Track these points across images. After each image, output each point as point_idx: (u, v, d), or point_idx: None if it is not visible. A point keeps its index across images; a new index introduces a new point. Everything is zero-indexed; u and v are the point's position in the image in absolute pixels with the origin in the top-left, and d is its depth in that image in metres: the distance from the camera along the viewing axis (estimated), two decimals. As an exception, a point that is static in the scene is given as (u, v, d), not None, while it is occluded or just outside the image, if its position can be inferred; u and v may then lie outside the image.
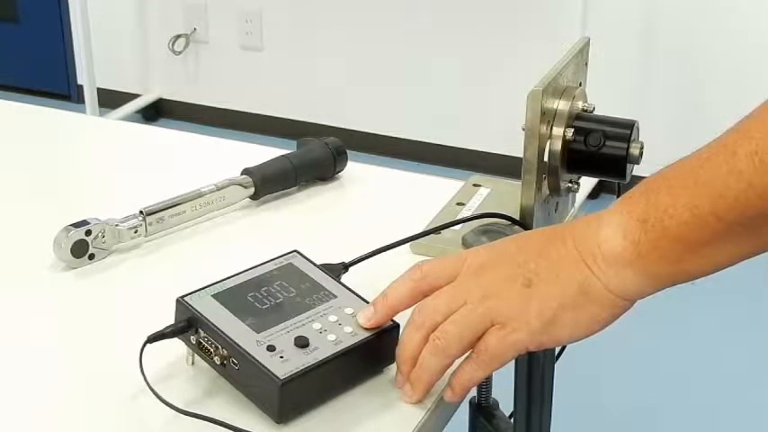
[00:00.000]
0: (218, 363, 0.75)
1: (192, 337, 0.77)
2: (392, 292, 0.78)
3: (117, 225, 0.95)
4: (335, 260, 0.86)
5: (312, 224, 1.03)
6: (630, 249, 0.71)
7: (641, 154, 0.93)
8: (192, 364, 0.78)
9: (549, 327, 0.73)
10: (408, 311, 0.77)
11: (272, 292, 0.79)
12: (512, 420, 0.93)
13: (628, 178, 0.95)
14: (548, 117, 0.91)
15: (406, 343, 0.76)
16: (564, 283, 0.73)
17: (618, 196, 1.02)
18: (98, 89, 3.22)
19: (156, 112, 3.61)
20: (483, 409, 0.96)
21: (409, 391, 0.76)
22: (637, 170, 0.95)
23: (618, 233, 0.72)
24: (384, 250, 0.88)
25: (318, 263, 0.83)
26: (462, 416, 0.84)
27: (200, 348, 0.77)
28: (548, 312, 0.73)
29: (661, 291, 0.73)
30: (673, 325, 2.36)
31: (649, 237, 0.70)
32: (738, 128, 0.69)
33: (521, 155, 0.90)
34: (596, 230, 0.73)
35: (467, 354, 0.75)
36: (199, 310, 0.76)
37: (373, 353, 0.77)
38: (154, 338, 0.76)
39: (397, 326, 0.78)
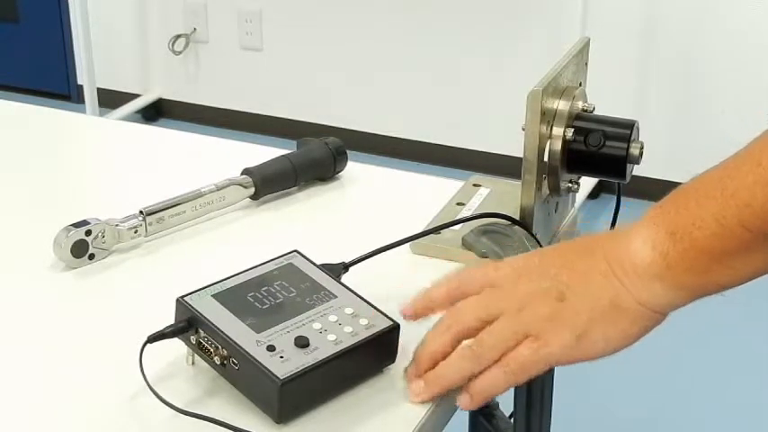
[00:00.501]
0: (218, 363, 0.75)
1: (192, 337, 0.77)
2: (434, 293, 0.78)
3: (117, 225, 0.95)
4: (335, 260, 0.86)
5: (312, 224, 1.03)
6: (659, 261, 0.71)
7: (641, 154, 0.93)
8: (192, 364, 0.78)
9: (581, 341, 0.72)
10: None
11: (273, 292, 0.79)
12: (512, 420, 0.93)
13: (628, 178, 0.95)
14: (548, 117, 0.91)
15: (431, 342, 0.76)
16: (595, 297, 0.73)
17: (618, 196, 1.02)
18: (98, 89, 3.22)
19: (156, 112, 3.60)
20: (483, 409, 0.96)
21: (418, 388, 0.75)
22: (637, 170, 0.95)
23: (647, 245, 0.72)
24: (384, 250, 0.88)
25: (318, 263, 0.83)
26: (462, 416, 0.84)
27: (200, 348, 0.77)
28: (579, 326, 0.72)
29: (692, 302, 0.73)
30: (674, 326, 2.36)
31: (678, 248, 0.70)
32: (764, 137, 0.69)
33: (521, 155, 0.90)
34: (625, 243, 0.73)
35: None
36: (199, 310, 0.76)
37: (373, 353, 0.77)
38: (154, 338, 0.76)
39: (398, 326, 0.78)
